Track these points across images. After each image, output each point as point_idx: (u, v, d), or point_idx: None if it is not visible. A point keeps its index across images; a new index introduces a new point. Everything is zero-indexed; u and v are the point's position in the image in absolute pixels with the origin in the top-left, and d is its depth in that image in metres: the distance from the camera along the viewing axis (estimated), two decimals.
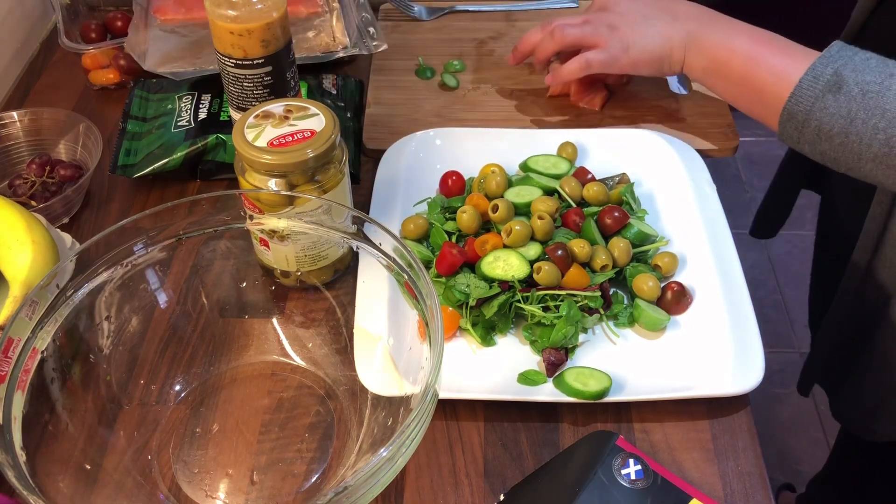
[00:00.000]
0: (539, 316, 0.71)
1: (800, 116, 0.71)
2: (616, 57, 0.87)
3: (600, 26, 0.88)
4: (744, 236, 2.25)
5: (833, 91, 0.69)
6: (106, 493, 0.62)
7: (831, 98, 0.69)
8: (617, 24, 0.87)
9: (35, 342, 0.59)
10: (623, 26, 0.87)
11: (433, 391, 0.55)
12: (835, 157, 0.71)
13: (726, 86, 0.82)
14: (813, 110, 0.70)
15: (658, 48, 0.85)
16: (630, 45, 0.86)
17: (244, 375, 0.72)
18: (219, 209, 0.68)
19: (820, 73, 0.70)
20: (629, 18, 0.87)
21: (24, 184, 0.86)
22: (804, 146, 0.73)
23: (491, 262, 0.74)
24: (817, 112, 0.70)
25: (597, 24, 0.88)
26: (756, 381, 0.67)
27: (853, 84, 0.69)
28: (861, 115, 0.68)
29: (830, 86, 0.69)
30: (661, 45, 0.85)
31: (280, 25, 0.73)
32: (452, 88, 0.99)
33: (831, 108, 0.69)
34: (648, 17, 0.86)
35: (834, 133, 0.69)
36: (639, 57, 0.86)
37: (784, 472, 1.64)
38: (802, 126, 0.72)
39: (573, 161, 0.87)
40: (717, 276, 0.75)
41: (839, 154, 0.71)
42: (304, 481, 0.65)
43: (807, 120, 0.71)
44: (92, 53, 0.99)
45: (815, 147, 0.72)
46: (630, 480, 0.60)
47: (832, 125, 0.69)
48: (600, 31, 0.87)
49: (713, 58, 0.81)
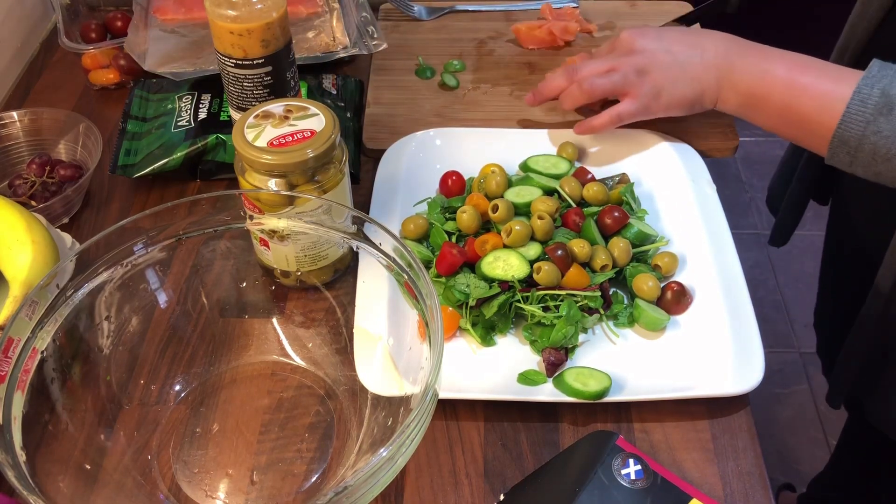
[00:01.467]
0: (539, 316, 0.71)
1: (852, 142, 0.70)
2: (647, 106, 0.84)
3: (629, 73, 0.83)
4: (744, 236, 2.25)
5: (884, 113, 0.68)
6: (106, 493, 0.62)
7: (883, 120, 0.68)
8: (646, 69, 0.83)
9: (35, 342, 0.59)
10: (653, 70, 0.83)
11: (433, 391, 0.55)
12: (891, 177, 0.70)
13: (766, 118, 0.79)
14: (866, 134, 0.69)
15: (690, 91, 0.82)
16: (661, 90, 0.83)
17: (244, 375, 0.72)
18: (219, 209, 0.68)
19: (867, 95, 0.69)
20: (658, 60, 0.83)
21: (24, 184, 0.86)
22: (857, 169, 0.72)
23: (491, 262, 0.74)
24: (871, 136, 0.69)
25: (626, 71, 0.83)
26: (756, 381, 0.67)
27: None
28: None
29: (880, 108, 0.68)
30: (693, 88, 0.82)
31: (280, 25, 0.73)
32: (452, 88, 1.00)
33: (885, 130, 0.68)
34: (677, 57, 0.82)
35: (892, 154, 0.68)
36: (670, 102, 0.83)
37: (784, 472, 1.64)
38: (856, 151, 0.70)
39: (573, 161, 0.87)
40: (717, 276, 0.75)
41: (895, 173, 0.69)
42: (304, 481, 0.65)
43: (860, 145, 0.70)
44: (92, 53, 0.99)
45: (870, 169, 0.71)
46: (630, 480, 0.60)
47: (889, 147, 0.68)
48: (630, 79, 0.83)
49: (749, 92, 0.78)
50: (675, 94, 0.83)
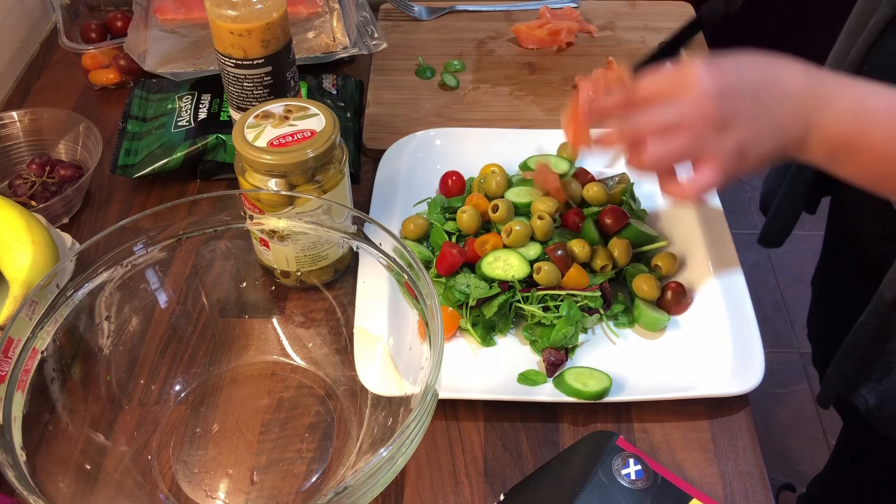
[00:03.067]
0: (539, 316, 0.71)
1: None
2: (732, 170, 0.62)
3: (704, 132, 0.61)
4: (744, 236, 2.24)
5: None
6: (106, 493, 0.62)
7: None
8: (725, 123, 0.60)
9: (35, 342, 0.59)
10: (735, 124, 0.60)
11: (433, 391, 0.55)
12: None
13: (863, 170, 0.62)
14: None
15: (777, 146, 0.62)
16: (746, 149, 0.61)
17: (244, 375, 0.72)
18: (219, 209, 0.68)
19: None
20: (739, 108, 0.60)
21: (24, 184, 0.86)
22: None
23: (491, 262, 0.74)
24: None
25: (699, 128, 0.61)
26: (756, 381, 0.67)
27: None
28: None
29: None
30: (780, 141, 0.62)
31: (280, 25, 0.73)
32: (452, 88, 1.00)
33: None
34: (761, 99, 0.61)
35: None
36: (758, 161, 0.62)
37: (784, 472, 1.64)
38: None
39: (573, 161, 0.87)
40: (717, 276, 0.75)
41: None
42: (304, 481, 0.65)
43: None
44: (92, 53, 0.99)
45: None
46: (630, 480, 0.60)
47: None
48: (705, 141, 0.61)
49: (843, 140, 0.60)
50: (762, 151, 0.62)
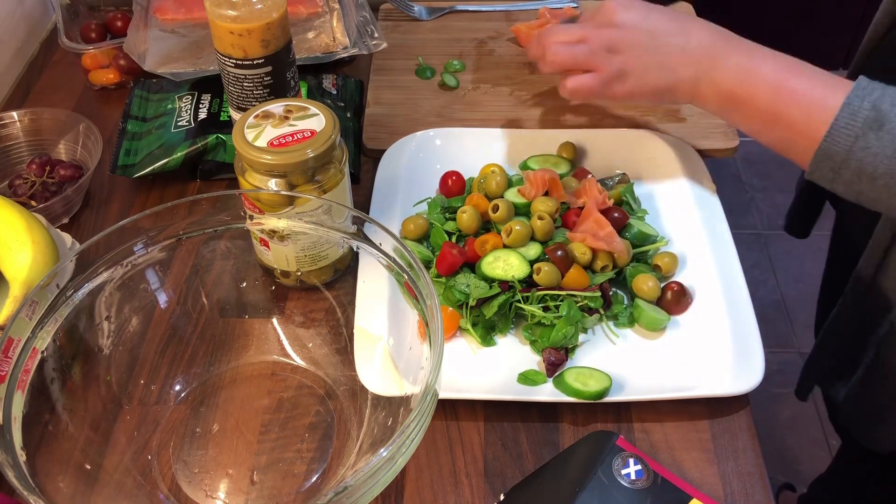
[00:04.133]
0: (539, 316, 0.71)
1: (837, 157, 0.65)
2: (609, 86, 0.77)
3: (598, 48, 0.77)
4: (744, 236, 2.24)
5: (874, 128, 0.63)
6: (106, 493, 0.62)
7: (873, 136, 0.63)
8: (619, 46, 0.76)
9: (35, 342, 0.59)
10: (625, 49, 0.76)
11: (433, 391, 0.55)
12: (875, 198, 0.65)
13: (748, 120, 0.73)
14: (853, 150, 0.64)
15: (662, 80, 0.75)
16: (629, 73, 0.76)
17: (244, 375, 0.72)
18: (219, 209, 0.68)
19: (857, 107, 0.64)
20: (634, 39, 0.76)
21: (24, 184, 0.86)
22: (838, 186, 0.67)
23: (491, 262, 0.74)
24: (858, 151, 0.63)
25: (594, 44, 0.77)
26: (756, 381, 0.67)
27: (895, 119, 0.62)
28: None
29: (870, 122, 0.63)
30: (666, 77, 0.75)
31: (280, 25, 0.73)
32: (452, 88, 0.99)
33: (874, 146, 0.63)
34: (657, 39, 0.75)
35: (878, 174, 0.63)
36: (636, 88, 0.77)
37: (784, 472, 1.64)
38: (840, 167, 0.65)
39: (573, 161, 0.87)
40: (717, 276, 0.75)
41: (882, 195, 0.65)
42: (304, 481, 0.65)
43: (846, 160, 0.64)
44: (92, 53, 0.99)
45: (852, 188, 0.66)
46: (630, 480, 0.60)
47: (876, 165, 0.63)
48: (597, 55, 0.77)
49: (731, 91, 0.72)
50: (644, 80, 0.76)
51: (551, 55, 0.79)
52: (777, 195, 2.21)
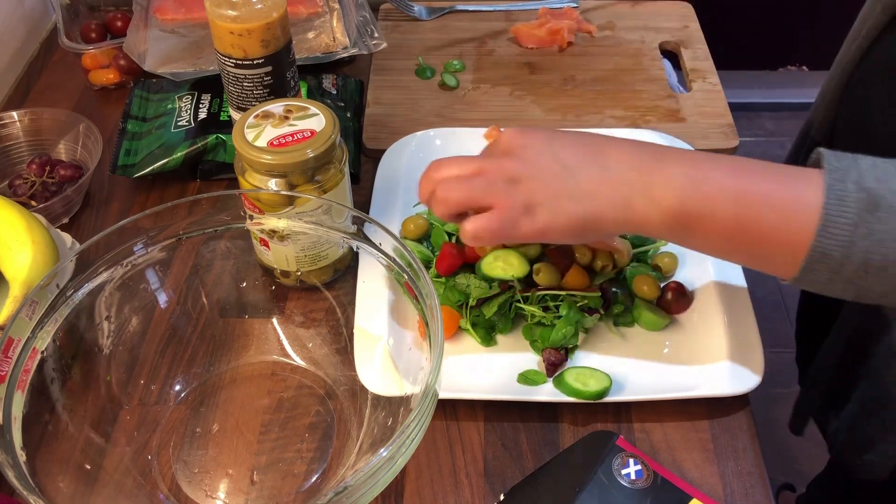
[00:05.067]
0: (539, 316, 0.71)
1: (836, 253, 0.54)
2: (515, 223, 0.60)
3: (497, 180, 0.61)
4: None
5: (871, 210, 0.53)
6: (106, 493, 0.62)
7: (872, 219, 0.53)
8: (519, 176, 0.61)
9: (35, 342, 0.59)
10: (528, 179, 0.61)
11: (433, 391, 0.55)
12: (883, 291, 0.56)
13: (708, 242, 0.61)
14: (854, 240, 0.54)
15: (580, 210, 0.60)
16: (536, 206, 0.60)
17: (244, 375, 0.72)
18: (219, 209, 0.68)
19: (843, 193, 0.54)
20: (538, 165, 0.61)
21: (24, 184, 0.86)
22: (835, 287, 0.57)
23: (491, 262, 0.74)
24: (860, 241, 0.54)
25: (492, 177, 0.61)
26: (756, 381, 0.67)
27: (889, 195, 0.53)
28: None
29: (864, 205, 0.53)
30: (584, 206, 0.60)
31: (280, 25, 0.73)
32: (452, 88, 1.00)
33: (878, 231, 0.53)
34: (567, 164, 0.61)
35: (889, 262, 0.54)
36: (550, 222, 0.60)
37: (784, 472, 1.64)
38: (841, 265, 0.55)
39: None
40: (717, 276, 0.75)
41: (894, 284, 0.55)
42: (304, 481, 0.65)
43: (848, 255, 0.54)
44: (92, 53, 0.99)
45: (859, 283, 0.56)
46: (630, 480, 0.60)
47: (885, 252, 0.54)
48: (496, 188, 0.61)
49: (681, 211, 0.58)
50: (557, 212, 0.60)
51: (443, 192, 0.62)
52: None
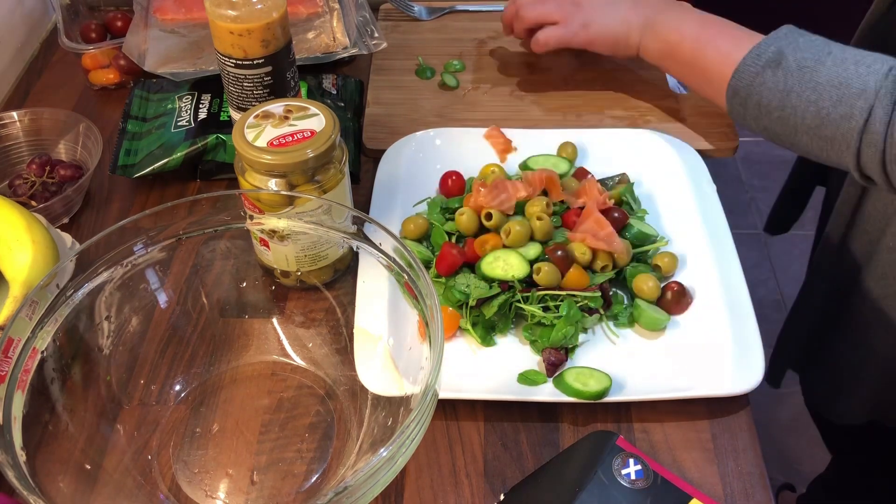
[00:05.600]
0: (539, 316, 0.71)
1: (742, 92, 0.74)
2: (574, 32, 0.91)
3: (564, 3, 0.92)
4: (744, 236, 2.24)
5: (773, 66, 0.72)
6: (106, 493, 0.62)
7: (770, 73, 0.72)
8: (580, 2, 0.92)
9: (35, 342, 0.59)
10: (586, 4, 0.91)
11: (433, 391, 0.55)
12: (776, 132, 0.74)
13: (678, 68, 0.86)
14: (753, 85, 0.73)
15: (616, 29, 0.90)
16: (590, 22, 0.90)
17: (244, 375, 0.72)
18: (219, 209, 0.68)
19: (763, 50, 0.73)
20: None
21: (24, 184, 0.86)
22: (749, 122, 0.76)
23: (491, 262, 0.74)
24: (757, 87, 0.73)
25: (561, 3, 0.92)
26: (756, 381, 0.67)
27: (791, 60, 0.71)
28: (796, 89, 0.70)
29: (771, 62, 0.72)
30: (620, 27, 0.89)
31: (280, 25, 0.73)
32: (452, 88, 0.99)
33: (770, 82, 0.72)
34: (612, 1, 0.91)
35: (773, 107, 0.72)
36: (597, 34, 0.91)
37: (784, 472, 1.64)
38: (745, 101, 0.74)
39: (573, 161, 0.87)
40: (717, 276, 0.75)
41: (778, 128, 0.73)
42: (304, 481, 0.65)
43: (748, 95, 0.74)
44: (92, 53, 0.99)
45: (759, 122, 0.75)
46: (630, 480, 0.60)
47: (771, 99, 0.72)
48: (564, 8, 0.92)
49: (666, 42, 0.85)
50: (603, 28, 0.90)
51: (524, 12, 0.94)
52: (777, 195, 2.21)
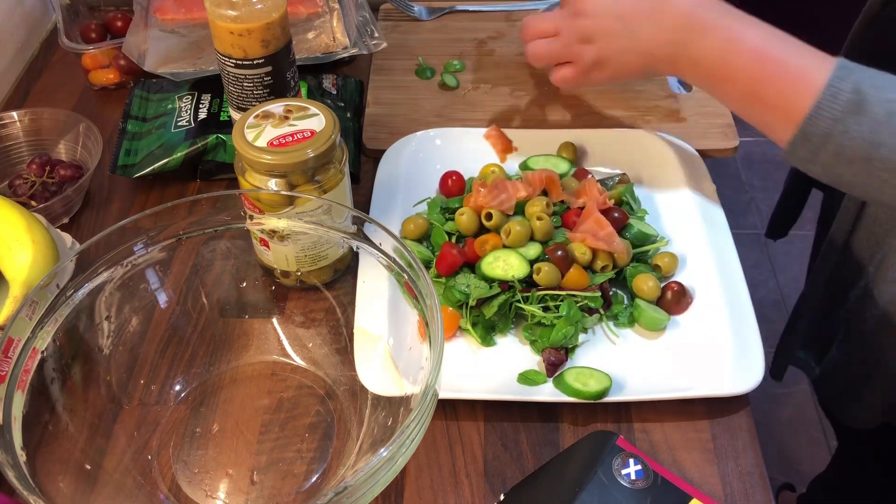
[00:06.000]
0: (539, 316, 0.71)
1: (817, 139, 0.64)
2: (588, 76, 0.81)
3: (572, 40, 0.80)
4: (744, 236, 2.24)
5: (854, 112, 0.62)
6: (106, 493, 0.62)
7: (853, 120, 0.63)
8: (590, 36, 0.78)
9: (35, 342, 0.59)
10: (598, 39, 0.78)
11: (433, 391, 0.55)
12: (851, 182, 0.66)
13: (728, 100, 0.74)
14: (832, 133, 0.63)
15: (639, 63, 0.77)
16: (604, 60, 0.79)
17: (244, 375, 0.72)
18: (219, 209, 0.68)
19: (838, 90, 0.63)
20: (604, 25, 0.77)
21: (24, 184, 0.86)
22: (816, 168, 0.66)
23: (491, 263, 0.74)
24: (837, 135, 0.63)
25: (568, 38, 0.80)
26: (756, 381, 0.67)
27: (875, 103, 0.62)
28: (888, 141, 0.62)
29: (851, 105, 0.63)
30: (643, 61, 0.77)
31: (280, 25, 0.73)
32: (452, 88, 0.99)
33: (853, 131, 0.63)
34: (628, 23, 0.76)
35: (856, 158, 0.63)
36: (616, 73, 0.80)
37: (784, 472, 1.64)
38: (819, 149, 0.65)
39: (573, 161, 0.87)
40: (717, 276, 0.75)
41: (860, 179, 0.65)
42: (304, 481, 0.65)
43: (825, 143, 0.64)
44: (92, 53, 0.99)
45: (831, 170, 0.66)
46: (630, 480, 0.60)
47: (854, 150, 0.63)
48: (572, 48, 0.80)
49: (709, 72, 0.72)
50: (621, 65, 0.79)
51: (531, 52, 0.84)
52: (777, 195, 2.20)
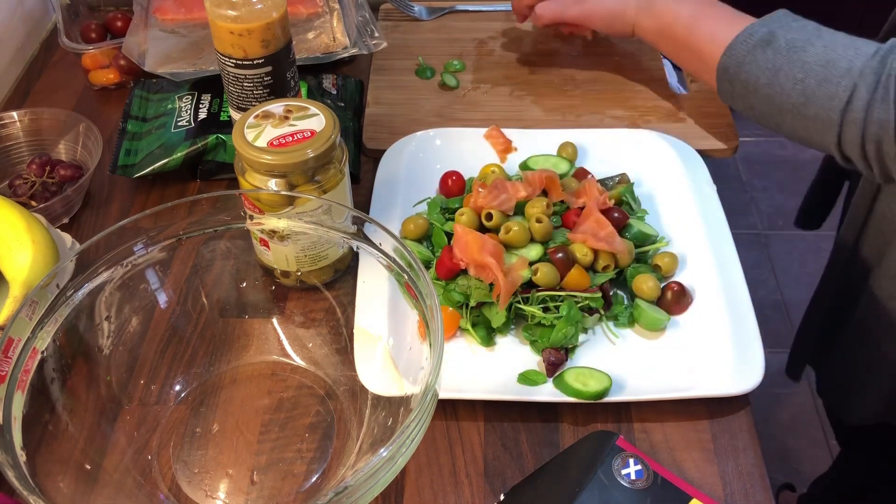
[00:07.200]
0: (539, 317, 0.71)
1: (731, 70, 0.76)
2: (568, 6, 0.93)
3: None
4: (744, 236, 2.24)
5: (763, 46, 0.73)
6: (106, 493, 0.62)
7: (760, 52, 0.73)
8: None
9: (35, 342, 0.59)
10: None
11: (433, 391, 0.55)
12: (761, 111, 0.75)
13: (672, 47, 0.87)
14: (743, 63, 0.75)
15: (612, 5, 0.91)
16: None
17: (244, 375, 0.72)
18: (219, 209, 0.68)
19: (755, 31, 0.74)
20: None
21: (24, 184, 0.86)
22: (737, 100, 0.77)
23: None
24: (747, 65, 0.74)
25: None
26: (756, 381, 0.67)
27: (782, 40, 0.72)
28: (784, 68, 0.71)
29: (762, 42, 0.73)
30: (616, 3, 0.91)
31: (280, 25, 0.73)
32: (452, 88, 0.99)
33: (759, 61, 0.73)
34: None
35: (760, 85, 0.73)
36: (592, 9, 0.92)
37: (784, 472, 1.64)
38: (733, 79, 0.76)
39: (573, 161, 0.87)
40: (717, 276, 0.75)
41: (764, 107, 0.74)
42: (304, 481, 0.65)
43: (737, 73, 0.75)
44: (92, 53, 0.99)
45: (746, 101, 0.76)
46: (630, 480, 0.60)
47: (759, 77, 0.73)
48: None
49: (661, 20, 0.86)
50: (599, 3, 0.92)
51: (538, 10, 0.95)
52: (777, 195, 2.21)
